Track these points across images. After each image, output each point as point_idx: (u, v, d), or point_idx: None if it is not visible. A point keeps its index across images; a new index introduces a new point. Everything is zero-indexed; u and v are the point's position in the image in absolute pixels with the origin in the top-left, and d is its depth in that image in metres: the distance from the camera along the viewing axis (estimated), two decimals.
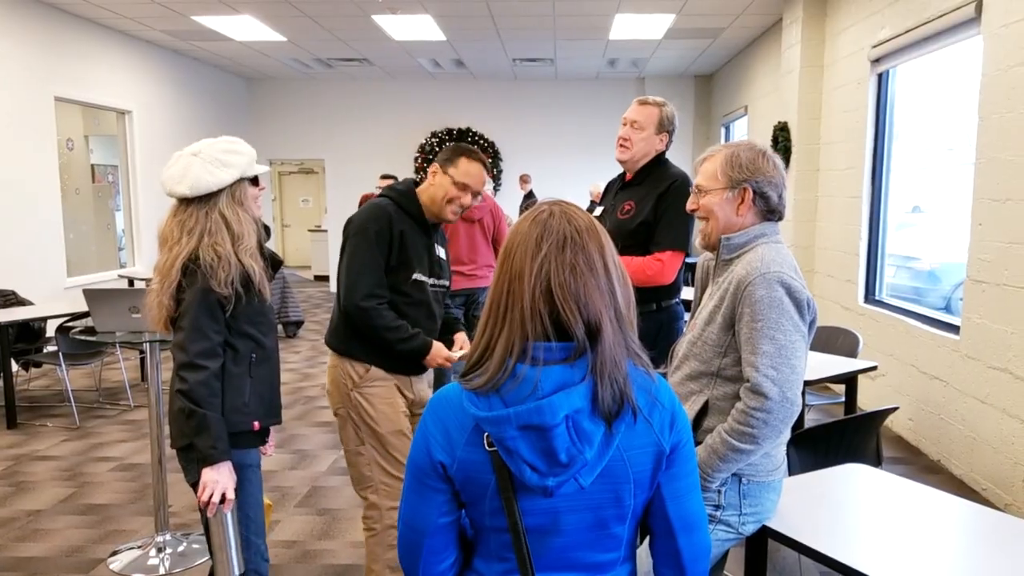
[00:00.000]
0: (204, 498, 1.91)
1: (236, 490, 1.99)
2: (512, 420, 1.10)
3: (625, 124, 2.88)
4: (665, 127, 2.86)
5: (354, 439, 2.49)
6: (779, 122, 6.92)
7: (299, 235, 15.85)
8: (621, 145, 2.89)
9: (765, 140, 7.54)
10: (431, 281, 2.54)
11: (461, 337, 2.80)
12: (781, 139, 6.75)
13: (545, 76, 11.38)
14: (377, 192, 5.95)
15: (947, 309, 5.27)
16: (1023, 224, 3.65)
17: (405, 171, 11.67)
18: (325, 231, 13.10)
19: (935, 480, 4.13)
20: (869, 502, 2.10)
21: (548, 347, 1.13)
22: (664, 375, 1.89)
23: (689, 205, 1.99)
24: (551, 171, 11.71)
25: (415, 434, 1.23)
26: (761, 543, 2.05)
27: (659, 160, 2.90)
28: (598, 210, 3.07)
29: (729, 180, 1.88)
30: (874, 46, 5.41)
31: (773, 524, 1.95)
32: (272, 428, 2.24)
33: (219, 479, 1.92)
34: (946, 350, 4.34)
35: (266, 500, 2.33)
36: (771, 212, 1.91)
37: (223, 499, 1.93)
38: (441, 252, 2.65)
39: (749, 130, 9.00)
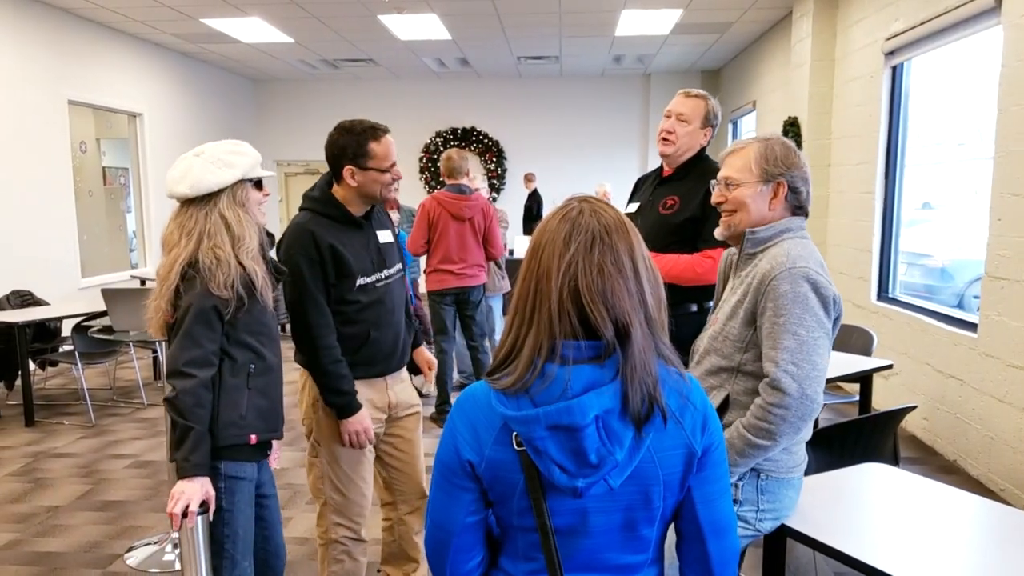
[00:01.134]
0: (169, 509, 1.81)
1: (217, 505, 1.91)
2: (541, 420, 1.09)
3: (669, 116, 2.74)
4: (710, 121, 2.73)
5: (312, 451, 2.46)
6: (789, 117, 6.88)
7: None
8: (664, 138, 2.74)
9: (776, 135, 7.50)
10: (377, 277, 2.41)
11: (423, 356, 2.76)
12: (791, 134, 6.71)
13: (550, 74, 11.36)
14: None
15: (960, 306, 5.23)
16: None
17: (410, 171, 11.68)
18: None
19: (952, 480, 4.10)
20: (889, 501, 2.09)
21: (577, 345, 1.12)
22: None
23: (714, 199, 1.96)
24: (555, 170, 11.68)
25: (443, 433, 1.22)
26: (780, 542, 2.04)
27: (701, 154, 2.77)
28: (632, 206, 2.94)
29: (764, 174, 1.86)
30: (888, 39, 5.37)
31: (791, 522, 1.94)
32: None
33: (188, 491, 1.82)
34: (963, 348, 4.31)
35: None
36: (799, 207, 1.89)
37: (186, 512, 1.82)
38: (383, 236, 2.47)
39: (758, 125, 8.96)
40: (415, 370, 2.76)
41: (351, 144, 2.31)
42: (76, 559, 3.27)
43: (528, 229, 9.88)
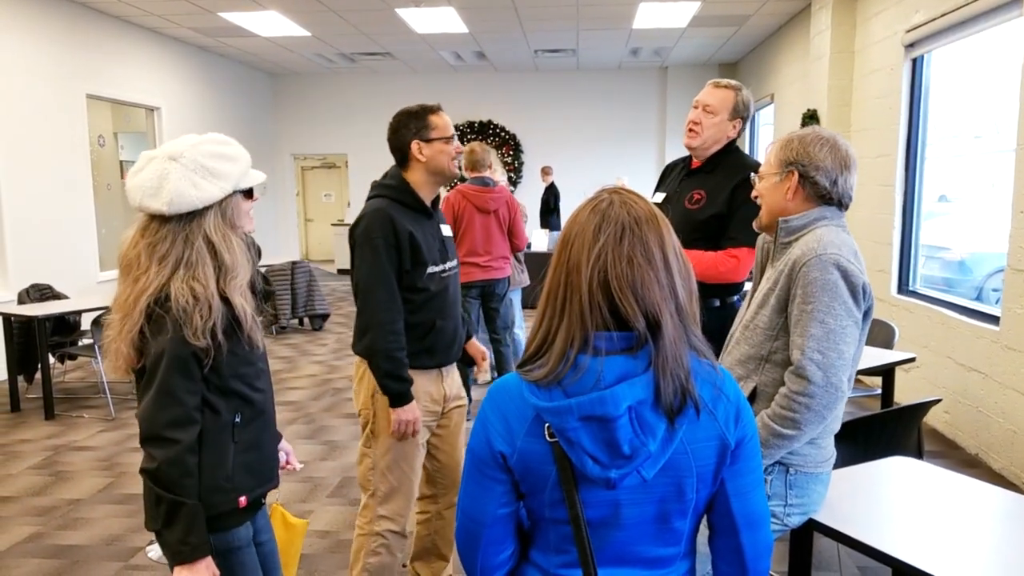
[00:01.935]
0: None
1: None
2: (574, 411, 1.09)
3: (696, 107, 2.65)
4: (740, 112, 2.63)
5: (367, 442, 2.46)
6: (808, 109, 6.82)
7: (322, 229, 15.95)
8: (691, 130, 2.65)
9: (793, 128, 7.44)
10: (443, 268, 2.46)
11: (476, 348, 2.78)
12: (809, 126, 6.65)
13: (567, 67, 11.32)
14: None
15: (979, 299, 5.18)
16: None
17: None
18: (348, 225, 13.15)
19: (974, 474, 4.05)
20: (916, 495, 2.07)
21: (610, 336, 1.11)
22: None
23: (754, 192, 1.97)
24: (573, 163, 11.66)
25: (475, 424, 1.21)
26: (807, 537, 2.02)
27: (730, 147, 2.69)
28: (659, 196, 2.86)
29: (779, 163, 1.87)
30: (908, 30, 5.31)
31: (819, 517, 1.92)
32: (283, 442, 1.93)
33: None
34: (985, 341, 4.26)
35: (302, 521, 2.06)
36: (823, 198, 1.85)
37: None
38: (445, 230, 2.54)
39: (775, 119, 8.89)
40: (469, 361, 2.78)
41: (412, 120, 2.36)
42: (97, 552, 3.29)
43: (545, 222, 9.86)
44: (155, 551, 3.29)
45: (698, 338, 1.16)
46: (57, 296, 6.05)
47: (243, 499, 1.67)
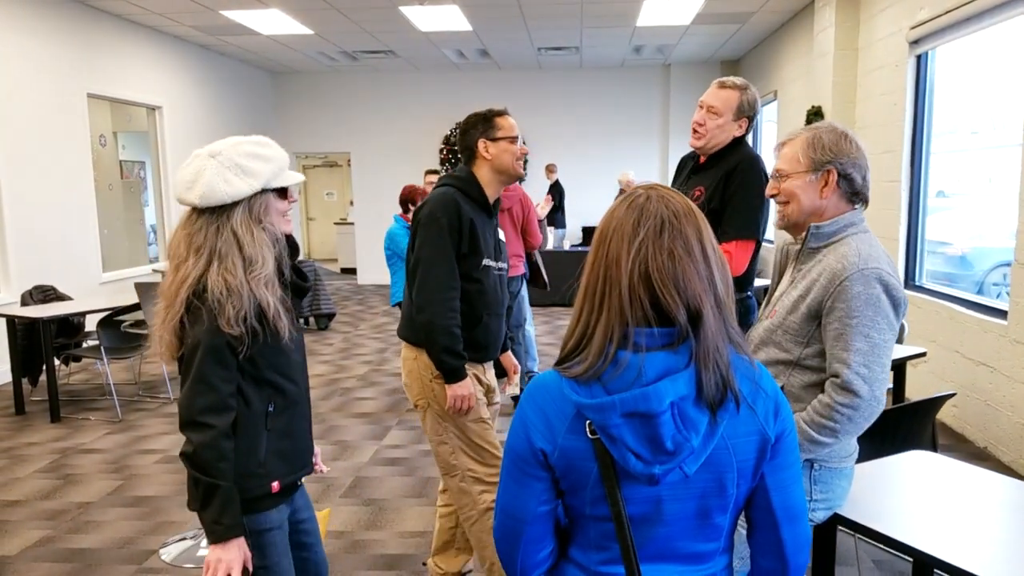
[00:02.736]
0: None
1: (251, 565, 1.71)
2: (617, 407, 1.08)
3: (701, 108, 2.68)
4: (745, 112, 2.66)
5: (437, 429, 2.51)
6: (812, 106, 6.82)
7: (324, 228, 15.93)
8: (695, 131, 2.70)
9: (797, 125, 7.44)
10: (496, 265, 2.55)
11: (509, 360, 2.83)
12: (814, 123, 6.65)
13: (570, 65, 11.31)
14: (426, 187, 5.94)
15: (980, 293, 5.20)
16: None
17: (431, 162, 11.67)
18: (351, 224, 13.13)
19: (984, 467, 4.06)
20: (937, 488, 2.07)
21: (651, 332, 1.11)
22: None
23: (769, 191, 1.95)
24: (576, 160, 11.65)
25: (513, 421, 1.21)
26: (830, 531, 2.02)
27: (735, 144, 2.70)
28: None
29: (812, 163, 1.85)
30: (912, 27, 5.31)
31: (842, 511, 1.92)
32: (314, 445, 2.00)
33: (225, 558, 1.62)
34: (993, 335, 4.26)
35: (323, 511, 2.21)
36: (855, 195, 1.86)
37: None
38: (500, 233, 2.68)
39: (779, 115, 8.89)
40: (500, 372, 2.83)
41: (480, 121, 2.50)
42: (110, 555, 3.28)
43: (551, 220, 9.85)
44: (169, 553, 3.28)
45: (736, 331, 1.17)
46: (60, 297, 6.03)
47: (275, 484, 1.76)
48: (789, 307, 1.88)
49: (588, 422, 1.12)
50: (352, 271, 13.24)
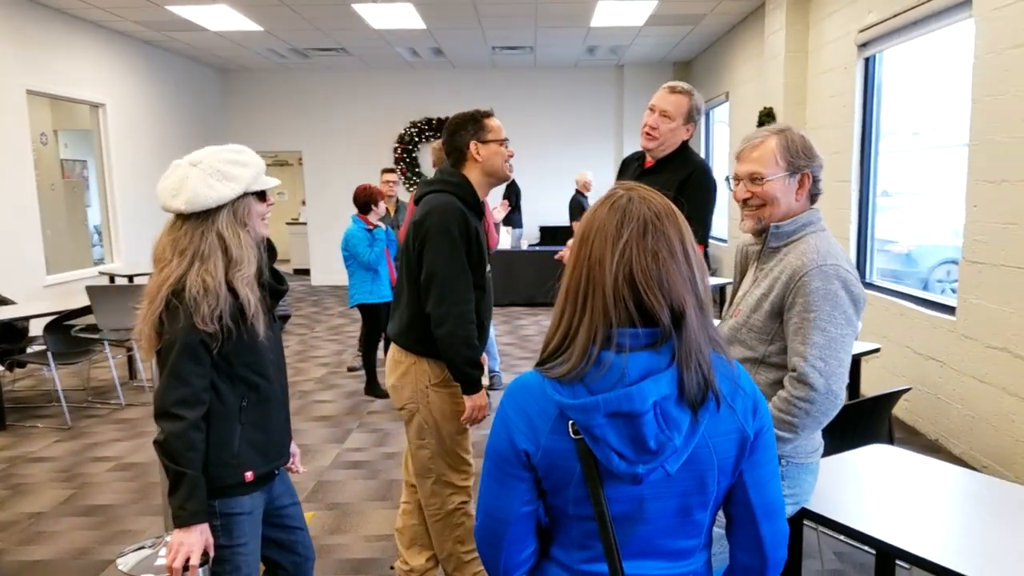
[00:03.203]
0: (168, 562, 1.72)
1: (216, 543, 1.82)
2: (601, 407, 1.09)
3: (653, 112, 2.75)
4: (693, 117, 2.76)
5: (420, 433, 2.53)
6: (764, 107, 6.96)
7: (276, 228, 15.66)
8: (648, 134, 2.76)
9: (750, 126, 7.59)
10: (490, 269, 2.56)
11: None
12: (767, 124, 6.79)
13: (524, 64, 11.33)
14: (382, 187, 5.85)
15: (925, 290, 5.39)
16: (1020, 205, 3.72)
17: (385, 161, 11.56)
18: (304, 224, 12.93)
19: (935, 459, 4.20)
20: (898, 480, 2.13)
21: (635, 333, 1.11)
22: None
23: (740, 195, 1.94)
24: (532, 160, 11.68)
25: (494, 423, 1.21)
26: (797, 526, 2.07)
27: (682, 148, 2.81)
28: None
29: (789, 165, 1.87)
30: (861, 30, 5.46)
31: (808, 506, 1.97)
32: (293, 444, 2.08)
33: (187, 541, 1.72)
34: (943, 331, 4.41)
35: (307, 514, 2.27)
36: (814, 196, 1.92)
37: (187, 566, 1.73)
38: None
39: (731, 117, 9.05)
40: None
41: (470, 122, 2.47)
42: (64, 566, 3.17)
43: (507, 220, 9.85)
44: (127, 563, 3.18)
45: (715, 330, 1.18)
46: (4, 301, 5.81)
47: (249, 474, 1.87)
48: (753, 305, 1.91)
49: (571, 422, 1.12)
50: (306, 272, 13.04)
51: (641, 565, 1.19)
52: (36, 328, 5.61)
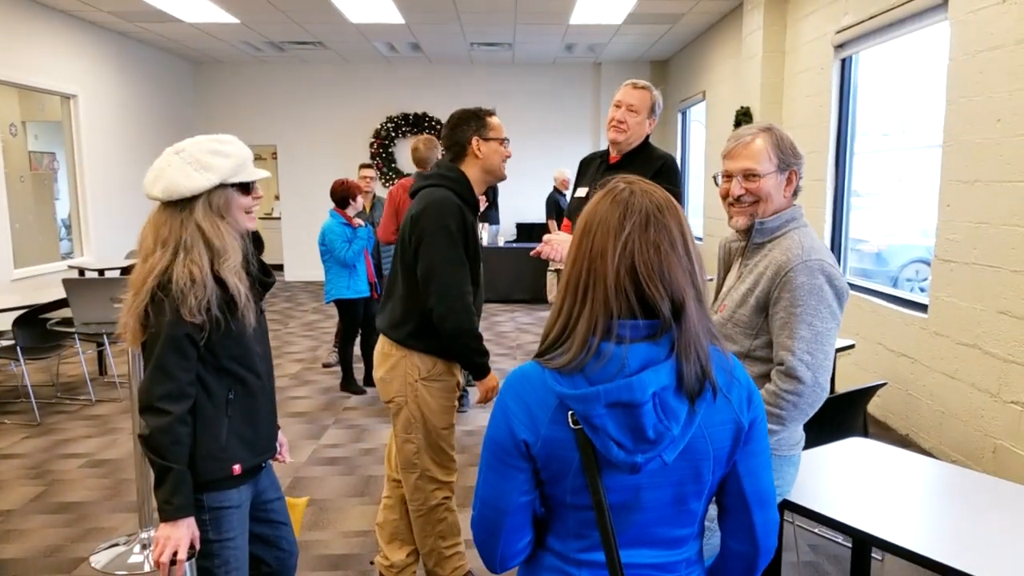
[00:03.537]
0: (155, 557, 1.72)
1: (204, 537, 1.80)
2: (601, 398, 1.10)
3: (620, 107, 2.87)
4: (654, 111, 2.90)
5: (407, 428, 2.52)
6: (741, 107, 7.03)
7: None
8: (616, 127, 2.87)
9: (726, 125, 7.66)
10: (481, 266, 2.58)
11: None
12: (744, 123, 6.86)
13: (502, 61, 11.31)
14: (360, 182, 5.80)
15: (896, 287, 5.49)
16: (992, 204, 3.79)
17: (361, 156, 11.48)
18: (278, 219, 12.79)
19: (911, 452, 4.28)
20: (875, 472, 2.17)
21: (635, 324, 1.12)
22: None
23: (734, 191, 1.95)
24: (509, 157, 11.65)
25: (493, 413, 1.21)
26: (780, 518, 2.09)
27: (646, 142, 2.94)
28: (581, 191, 3.05)
29: (780, 163, 1.90)
30: (837, 32, 5.53)
31: (791, 497, 1.99)
32: (280, 434, 2.07)
33: (173, 535, 1.71)
34: (914, 328, 4.49)
35: (301, 500, 2.28)
36: (795, 192, 1.95)
37: (174, 560, 1.72)
38: None
39: (707, 116, 9.12)
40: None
41: (473, 118, 2.50)
42: (36, 564, 3.11)
43: (484, 217, 9.84)
44: (100, 560, 3.13)
45: (712, 323, 1.19)
46: None
47: (237, 467, 1.84)
48: (738, 300, 1.93)
49: (570, 412, 1.13)
50: (279, 267, 12.89)
51: (636, 554, 1.20)
52: (3, 323, 5.50)
